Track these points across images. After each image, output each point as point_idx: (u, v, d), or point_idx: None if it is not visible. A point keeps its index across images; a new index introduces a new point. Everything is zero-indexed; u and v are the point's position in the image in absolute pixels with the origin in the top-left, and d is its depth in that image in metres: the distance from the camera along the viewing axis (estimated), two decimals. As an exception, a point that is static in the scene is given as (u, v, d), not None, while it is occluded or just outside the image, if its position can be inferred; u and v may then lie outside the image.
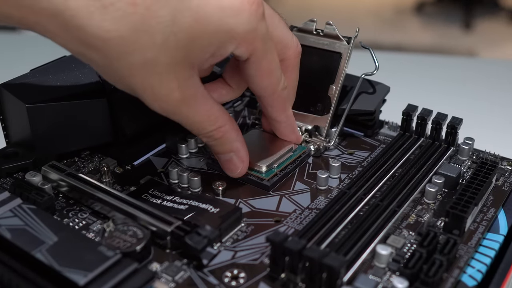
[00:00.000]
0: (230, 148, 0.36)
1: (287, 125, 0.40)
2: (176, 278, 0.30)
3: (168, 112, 0.33)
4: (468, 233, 0.34)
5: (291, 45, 0.38)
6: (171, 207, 0.35)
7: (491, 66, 0.81)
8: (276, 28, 0.37)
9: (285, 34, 0.38)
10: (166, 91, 0.31)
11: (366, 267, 0.31)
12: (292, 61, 0.39)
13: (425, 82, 0.73)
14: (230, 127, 0.36)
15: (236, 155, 0.37)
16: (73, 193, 0.36)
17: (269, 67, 0.35)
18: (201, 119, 0.34)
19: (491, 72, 0.77)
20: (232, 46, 0.32)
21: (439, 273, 0.29)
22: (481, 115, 0.62)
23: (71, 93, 0.39)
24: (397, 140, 0.42)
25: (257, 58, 0.34)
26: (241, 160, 0.37)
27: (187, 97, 0.32)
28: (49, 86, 0.39)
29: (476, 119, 0.48)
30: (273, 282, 0.30)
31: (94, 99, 0.40)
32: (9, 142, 0.41)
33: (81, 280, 0.27)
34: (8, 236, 0.30)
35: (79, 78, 0.40)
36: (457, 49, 2.56)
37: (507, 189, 0.38)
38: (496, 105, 0.67)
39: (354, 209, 0.35)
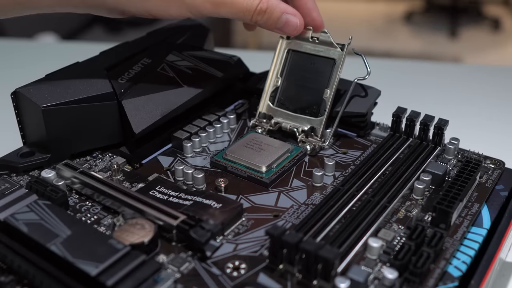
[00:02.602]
0: (280, 11, 0.38)
1: (308, 2, 0.41)
2: (181, 269, 0.30)
3: (217, 4, 0.35)
4: (454, 227, 0.34)
5: None
6: (177, 203, 0.35)
7: (475, 72, 0.81)
8: None
9: None
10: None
11: (359, 258, 0.31)
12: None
13: (414, 87, 0.73)
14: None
15: (289, 14, 0.38)
16: (85, 190, 0.36)
17: None
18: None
19: (475, 78, 0.77)
20: None
21: (427, 264, 0.29)
22: (466, 117, 0.62)
23: (84, 96, 0.39)
24: (388, 140, 0.42)
25: None
26: (294, 14, 0.39)
27: None
28: (63, 90, 0.39)
29: (461, 120, 0.48)
30: (272, 272, 0.30)
31: (105, 102, 0.40)
32: (26, 142, 0.41)
33: (93, 270, 0.27)
34: (25, 230, 0.30)
35: (91, 82, 0.40)
36: (444, 55, 2.56)
37: (490, 186, 0.38)
38: (480, 108, 0.67)
39: (348, 205, 0.35)
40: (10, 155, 0.40)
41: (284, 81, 0.44)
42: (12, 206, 0.32)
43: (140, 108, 0.40)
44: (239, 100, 0.49)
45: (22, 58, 0.84)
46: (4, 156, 0.40)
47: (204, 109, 0.45)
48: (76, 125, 0.39)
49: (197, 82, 0.43)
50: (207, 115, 0.45)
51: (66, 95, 0.39)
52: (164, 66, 0.44)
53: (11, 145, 0.41)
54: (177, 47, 0.47)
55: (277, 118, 0.43)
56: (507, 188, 0.38)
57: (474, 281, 0.30)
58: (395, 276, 0.29)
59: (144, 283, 0.27)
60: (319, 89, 0.43)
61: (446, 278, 0.30)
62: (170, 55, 0.46)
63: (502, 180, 0.39)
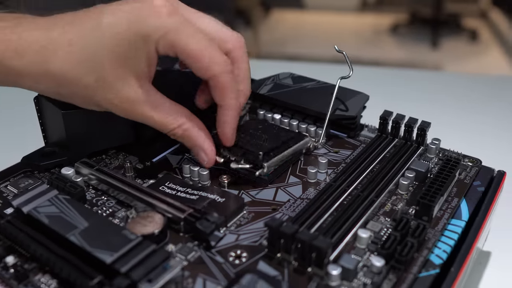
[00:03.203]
0: (194, 144, 0.36)
1: (228, 115, 0.36)
2: (188, 257, 0.30)
3: (132, 116, 0.34)
4: (435, 219, 0.34)
5: (229, 38, 0.36)
6: (184, 197, 0.35)
7: (455, 79, 0.81)
8: (207, 26, 0.35)
9: (219, 30, 0.36)
10: (122, 99, 0.33)
11: (349, 248, 0.31)
12: (236, 53, 0.36)
13: (399, 92, 0.73)
14: (190, 125, 0.35)
15: (201, 150, 0.36)
16: (101, 186, 0.36)
17: (195, 53, 0.33)
18: (161, 118, 0.34)
19: (454, 84, 0.77)
20: (153, 46, 0.32)
21: (411, 253, 0.29)
22: (446, 120, 0.62)
23: None
24: (375, 141, 0.42)
25: (181, 48, 0.32)
26: (205, 153, 0.36)
27: (142, 100, 0.33)
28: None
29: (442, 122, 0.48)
30: (271, 260, 0.30)
31: (119, 106, 0.40)
32: (47, 143, 0.41)
33: (108, 258, 0.27)
34: (46, 222, 0.30)
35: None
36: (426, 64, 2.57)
37: (468, 182, 0.38)
38: (459, 112, 0.67)
39: (339, 199, 0.35)
40: (33, 154, 0.40)
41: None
42: (35, 200, 0.32)
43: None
44: (241, 104, 0.49)
45: None
46: (28, 155, 0.39)
47: (209, 112, 0.45)
48: (92, 127, 0.39)
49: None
50: (211, 118, 0.45)
51: (84, 99, 0.39)
52: (173, 74, 0.44)
53: (34, 145, 0.41)
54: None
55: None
56: (484, 184, 0.38)
57: (453, 268, 0.30)
58: (382, 263, 0.29)
59: (154, 270, 0.27)
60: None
61: (428, 266, 0.30)
62: (178, 64, 0.46)
63: (479, 176, 0.39)
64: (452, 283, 0.29)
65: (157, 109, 0.34)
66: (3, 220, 0.31)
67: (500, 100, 0.71)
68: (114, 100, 0.33)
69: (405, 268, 0.29)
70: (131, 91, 0.33)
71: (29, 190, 0.33)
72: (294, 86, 0.47)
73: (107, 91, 0.33)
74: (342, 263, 0.28)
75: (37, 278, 0.29)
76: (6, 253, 0.30)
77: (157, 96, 0.34)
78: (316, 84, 0.47)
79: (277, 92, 0.46)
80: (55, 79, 0.32)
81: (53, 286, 0.28)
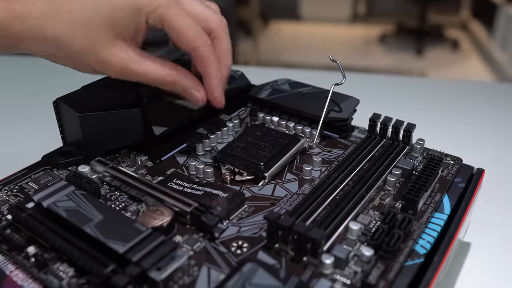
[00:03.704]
0: (184, 86, 0.37)
1: (212, 82, 0.38)
2: (194, 247, 0.30)
3: (125, 73, 0.35)
4: (420, 213, 0.34)
5: (212, 19, 0.38)
6: (190, 193, 0.35)
7: (438, 85, 0.81)
8: (194, 7, 0.37)
9: (202, 11, 0.37)
10: (115, 59, 0.34)
11: (341, 239, 0.31)
12: (218, 33, 0.38)
13: (387, 97, 0.73)
14: (176, 73, 0.36)
15: (193, 89, 0.37)
16: (115, 182, 0.36)
17: (181, 28, 0.35)
18: (151, 70, 0.35)
19: (437, 89, 0.77)
20: (143, 18, 0.34)
21: (397, 243, 0.29)
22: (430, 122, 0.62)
23: (113, 104, 0.39)
24: (365, 141, 0.42)
25: (168, 23, 0.34)
26: (197, 91, 0.37)
27: (132, 58, 0.34)
28: (96, 99, 0.39)
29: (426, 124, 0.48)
30: (269, 250, 0.30)
31: (131, 109, 0.40)
32: (65, 143, 0.41)
33: (121, 248, 0.27)
34: (64, 215, 0.30)
35: (119, 92, 0.40)
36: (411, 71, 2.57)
37: (450, 179, 0.38)
38: (441, 114, 0.67)
39: (332, 194, 0.35)
40: (52, 153, 0.40)
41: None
42: (54, 195, 0.32)
43: (160, 115, 0.40)
44: (242, 107, 0.49)
45: (62, 72, 0.83)
46: (48, 154, 0.40)
47: (214, 115, 0.45)
48: (106, 128, 0.39)
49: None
50: (215, 119, 0.45)
51: (99, 103, 0.39)
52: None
53: (53, 145, 0.41)
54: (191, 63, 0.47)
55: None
56: (464, 180, 0.38)
57: (437, 257, 0.30)
58: (371, 253, 0.29)
59: (163, 259, 0.27)
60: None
61: (413, 255, 0.30)
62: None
63: (460, 174, 0.39)
64: (435, 271, 0.29)
65: (147, 64, 0.35)
66: (24, 214, 0.31)
67: (479, 104, 0.71)
68: (107, 62, 0.34)
69: (392, 257, 0.29)
70: (123, 53, 0.34)
71: (48, 186, 0.33)
72: (291, 91, 0.47)
73: (100, 54, 0.34)
74: (334, 252, 0.28)
75: (55, 266, 0.29)
76: (27, 244, 0.30)
77: (145, 55, 0.35)
78: (311, 89, 0.47)
79: (275, 96, 0.46)
80: (53, 43, 0.33)
81: (70, 273, 0.28)
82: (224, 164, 0.38)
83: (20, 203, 0.33)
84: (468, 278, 0.39)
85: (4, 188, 0.36)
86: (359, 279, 0.28)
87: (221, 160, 0.38)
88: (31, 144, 0.57)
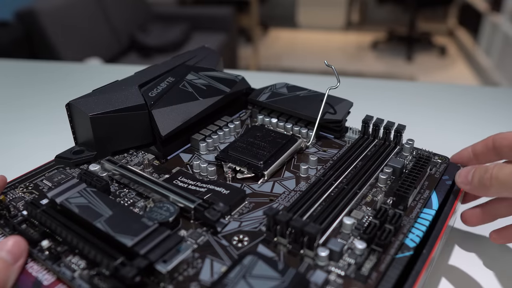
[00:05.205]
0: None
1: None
2: (198, 241, 0.30)
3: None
4: (410, 208, 0.34)
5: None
6: (194, 190, 0.35)
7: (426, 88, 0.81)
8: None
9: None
10: None
11: (336, 233, 0.31)
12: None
13: (378, 99, 0.72)
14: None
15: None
16: (123, 180, 0.36)
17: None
18: None
19: (426, 92, 0.77)
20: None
21: (388, 237, 0.29)
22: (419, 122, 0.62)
23: (122, 107, 0.39)
24: (358, 141, 0.42)
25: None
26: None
27: None
28: (106, 102, 0.39)
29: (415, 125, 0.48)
30: (268, 244, 0.30)
31: (139, 112, 0.40)
32: (77, 143, 0.41)
33: (129, 242, 0.27)
34: (76, 211, 0.30)
35: (128, 96, 0.40)
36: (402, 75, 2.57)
37: (438, 176, 0.38)
38: (430, 115, 0.67)
39: (327, 191, 0.35)
40: (65, 153, 0.40)
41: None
42: (66, 192, 0.32)
43: (165, 116, 0.40)
44: (243, 109, 0.49)
45: (74, 77, 0.84)
46: (61, 153, 0.39)
47: (216, 116, 0.45)
48: (116, 129, 0.39)
49: (209, 96, 0.43)
50: (218, 121, 0.45)
51: (108, 105, 0.39)
52: (184, 83, 0.44)
53: (66, 145, 0.41)
54: (195, 69, 0.47)
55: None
56: (451, 178, 0.38)
57: (425, 250, 0.30)
58: (364, 246, 0.29)
59: (169, 252, 0.27)
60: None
61: (403, 248, 0.30)
62: (189, 74, 0.46)
63: (448, 172, 0.39)
64: (424, 263, 0.29)
65: None
66: (39, 210, 0.31)
67: (465, 106, 0.71)
68: None
69: (383, 251, 0.29)
70: None
71: (61, 184, 0.33)
72: (288, 94, 0.47)
73: None
74: (329, 246, 0.28)
75: (68, 259, 0.29)
76: (41, 238, 0.30)
77: None
78: (308, 93, 0.47)
79: (274, 99, 0.46)
80: None
81: (82, 266, 0.28)
82: (226, 162, 0.38)
83: (35, 199, 0.33)
84: (456, 268, 0.39)
85: (20, 185, 0.36)
86: (353, 271, 0.28)
87: (223, 159, 0.38)
88: (44, 145, 0.57)
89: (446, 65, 2.76)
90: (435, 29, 3.24)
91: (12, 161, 0.34)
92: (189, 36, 2.21)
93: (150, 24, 2.27)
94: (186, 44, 2.14)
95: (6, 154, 0.39)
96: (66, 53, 1.68)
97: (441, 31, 3.29)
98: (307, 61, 2.74)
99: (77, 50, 1.75)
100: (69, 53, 1.69)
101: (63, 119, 0.41)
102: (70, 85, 0.79)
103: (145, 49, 2.03)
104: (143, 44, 2.04)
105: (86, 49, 1.80)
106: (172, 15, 2.36)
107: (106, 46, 1.94)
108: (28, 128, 0.63)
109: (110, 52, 1.95)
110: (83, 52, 1.76)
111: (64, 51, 1.67)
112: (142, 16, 2.29)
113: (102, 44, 1.92)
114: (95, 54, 1.80)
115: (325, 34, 3.34)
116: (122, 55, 2.03)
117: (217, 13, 2.31)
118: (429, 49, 2.97)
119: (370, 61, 2.85)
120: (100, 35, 1.92)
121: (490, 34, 2.48)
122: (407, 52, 2.86)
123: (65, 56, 1.67)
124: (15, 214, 0.33)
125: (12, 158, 0.36)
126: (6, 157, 0.35)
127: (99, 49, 1.86)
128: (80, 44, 1.79)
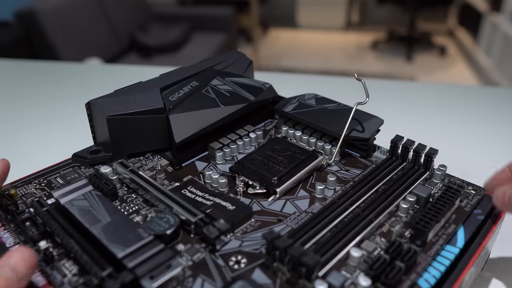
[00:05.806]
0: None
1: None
2: (193, 257, 0.29)
3: None
4: (429, 244, 0.30)
5: None
6: (200, 202, 0.33)
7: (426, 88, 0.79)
8: None
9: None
10: None
11: (341, 264, 0.28)
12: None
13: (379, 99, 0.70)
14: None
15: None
16: (132, 185, 0.36)
17: None
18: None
19: (426, 92, 0.76)
20: None
21: (398, 276, 0.26)
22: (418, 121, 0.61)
23: (140, 109, 0.38)
24: (385, 162, 0.39)
25: None
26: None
27: None
28: (125, 103, 0.39)
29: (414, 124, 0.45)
30: (267, 269, 0.28)
31: (157, 115, 0.39)
32: (95, 142, 0.41)
33: (120, 253, 0.26)
34: (77, 214, 0.30)
35: (148, 99, 0.39)
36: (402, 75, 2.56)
37: (468, 210, 0.34)
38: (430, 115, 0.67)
39: (340, 216, 0.32)
40: (82, 151, 0.40)
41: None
42: (72, 193, 0.32)
43: (182, 122, 0.39)
44: (269, 119, 0.47)
45: (74, 77, 0.84)
46: (78, 152, 0.40)
47: (239, 125, 0.44)
48: (132, 132, 0.39)
49: (231, 104, 0.42)
50: (239, 130, 0.43)
51: (127, 107, 0.38)
52: (208, 88, 0.43)
53: (66, 145, 0.40)
54: (222, 74, 0.46)
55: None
56: (484, 212, 0.34)
57: (440, 294, 0.27)
58: (369, 284, 0.26)
59: (158, 268, 0.26)
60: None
61: (415, 290, 0.27)
62: (215, 79, 0.44)
63: (481, 205, 0.35)
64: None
65: None
66: (42, 209, 0.31)
67: (465, 106, 0.71)
68: None
69: (390, 290, 0.26)
70: None
71: (69, 184, 0.33)
72: (316, 106, 0.44)
73: None
74: (329, 279, 0.26)
75: (62, 263, 0.28)
76: (41, 238, 0.30)
77: None
78: (337, 106, 0.44)
79: (300, 111, 0.44)
80: None
81: (74, 271, 0.28)
82: (239, 175, 0.36)
83: (41, 198, 0.33)
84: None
85: (34, 181, 0.37)
86: (353, 310, 0.25)
87: (237, 171, 0.37)
88: (45, 144, 0.58)
89: (446, 65, 2.68)
90: (435, 29, 3.16)
91: (12, 161, 0.35)
92: (189, 36, 2.20)
93: (150, 24, 2.26)
94: (186, 44, 2.12)
95: (6, 154, 0.40)
96: (66, 53, 1.68)
97: (441, 31, 3.20)
98: (307, 61, 2.70)
99: (77, 50, 1.75)
100: (69, 53, 1.69)
101: (63, 118, 0.42)
102: (70, 85, 0.80)
103: (145, 49, 2.03)
104: (143, 44, 2.03)
105: (86, 49, 1.79)
106: (172, 15, 2.35)
107: (106, 46, 1.93)
108: (28, 128, 0.64)
109: (110, 52, 1.94)
110: (83, 52, 1.76)
111: (64, 51, 1.67)
112: (142, 16, 2.27)
113: (102, 44, 1.91)
114: (95, 54, 1.80)
115: (325, 34, 3.28)
116: (122, 55, 2.02)
117: (217, 13, 2.29)
118: (429, 49, 2.90)
119: (370, 61, 2.78)
120: (100, 35, 1.91)
121: (490, 34, 2.40)
122: (407, 52, 2.80)
123: (65, 56, 1.67)
124: (23, 210, 0.33)
125: (12, 157, 0.37)
126: (5, 156, 0.36)
127: (99, 49, 1.86)
128: (80, 44, 1.78)
